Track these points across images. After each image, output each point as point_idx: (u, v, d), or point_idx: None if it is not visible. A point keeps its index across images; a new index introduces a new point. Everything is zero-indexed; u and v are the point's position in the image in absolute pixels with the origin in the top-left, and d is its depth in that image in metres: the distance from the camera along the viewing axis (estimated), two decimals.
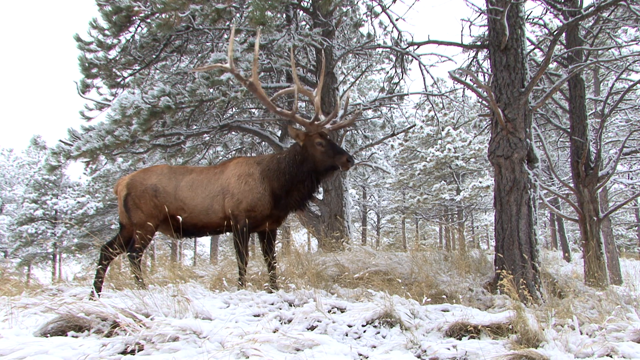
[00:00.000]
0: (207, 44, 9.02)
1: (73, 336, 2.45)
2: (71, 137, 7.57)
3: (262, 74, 8.97)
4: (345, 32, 10.34)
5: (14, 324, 2.58)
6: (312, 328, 2.92)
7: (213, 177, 4.25)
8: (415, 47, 6.86)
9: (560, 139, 12.03)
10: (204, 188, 4.19)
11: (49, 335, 2.47)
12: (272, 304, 3.40)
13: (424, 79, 8.47)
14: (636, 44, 9.78)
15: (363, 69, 10.76)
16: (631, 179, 15.80)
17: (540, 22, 7.99)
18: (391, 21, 8.07)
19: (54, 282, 5.61)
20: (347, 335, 2.88)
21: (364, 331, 2.92)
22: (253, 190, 4.15)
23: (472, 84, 5.18)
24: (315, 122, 4.25)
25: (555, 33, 5.36)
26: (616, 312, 3.34)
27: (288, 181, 4.21)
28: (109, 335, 2.46)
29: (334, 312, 3.24)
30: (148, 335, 2.35)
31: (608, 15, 7.75)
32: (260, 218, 4.18)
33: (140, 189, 4.08)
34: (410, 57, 8.26)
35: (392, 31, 8.38)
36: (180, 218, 4.05)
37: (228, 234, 4.59)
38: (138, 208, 4.05)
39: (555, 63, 8.45)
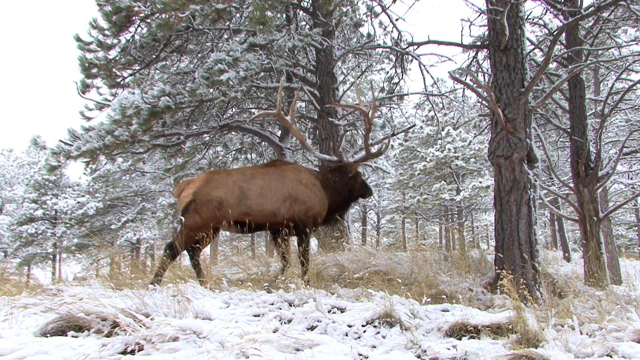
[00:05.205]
0: (207, 44, 9.02)
1: (73, 336, 2.45)
2: (71, 137, 7.57)
3: (262, 74, 8.98)
4: (345, 32, 10.34)
5: (14, 324, 2.58)
6: (312, 328, 2.92)
7: (277, 182, 4.48)
8: (415, 47, 6.86)
9: (560, 139, 12.02)
10: (273, 193, 4.41)
11: (49, 335, 2.46)
12: (272, 304, 3.40)
13: (424, 79, 8.48)
14: (636, 44, 9.78)
15: (363, 69, 10.76)
16: (631, 179, 15.78)
17: (540, 22, 7.98)
18: (391, 21, 8.08)
19: (54, 282, 5.59)
20: (347, 335, 2.88)
21: (364, 331, 2.92)
22: (321, 201, 4.63)
23: (472, 84, 5.18)
24: (361, 162, 5.15)
25: (555, 33, 5.36)
26: (616, 312, 3.33)
27: (343, 202, 4.98)
28: (109, 335, 2.46)
29: (334, 312, 3.24)
30: (148, 335, 2.35)
31: (608, 15, 7.74)
32: (318, 225, 4.68)
33: (206, 198, 4.21)
34: (410, 57, 8.26)
35: (392, 31, 8.39)
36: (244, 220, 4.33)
37: (228, 233, 4.66)
38: (197, 214, 4.17)
39: (555, 63, 8.45)
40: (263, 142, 11.77)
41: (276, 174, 4.53)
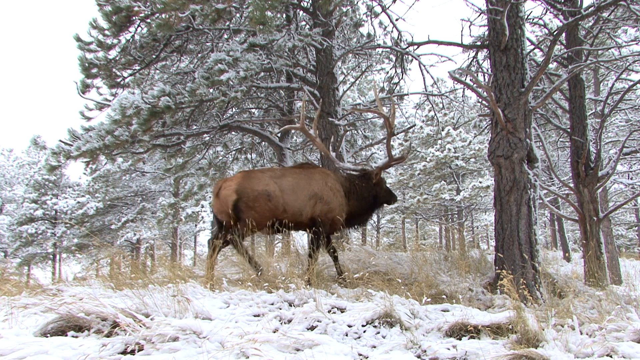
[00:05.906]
0: (207, 44, 9.02)
1: (73, 336, 2.45)
2: (71, 137, 7.56)
3: (262, 74, 8.98)
4: (345, 32, 10.34)
5: (14, 324, 2.58)
6: (312, 328, 2.92)
7: (305, 181, 4.70)
8: (415, 47, 6.85)
9: (560, 139, 12.02)
10: (301, 191, 4.63)
11: (49, 335, 2.46)
12: (272, 304, 3.39)
13: (424, 79, 8.47)
14: (636, 44, 9.78)
15: (363, 69, 10.75)
16: (631, 179, 15.78)
17: (540, 22, 7.98)
18: (391, 21, 8.07)
19: (54, 282, 5.59)
20: (347, 335, 2.88)
21: (364, 331, 2.92)
22: (342, 205, 4.87)
23: (472, 84, 5.18)
24: (385, 169, 5.27)
25: (555, 33, 5.36)
26: (616, 312, 3.33)
27: (368, 208, 5.13)
28: (109, 335, 2.46)
29: (334, 312, 3.24)
30: (148, 335, 2.35)
31: (608, 15, 7.74)
32: (336, 228, 4.90)
33: (253, 194, 4.40)
34: (410, 57, 8.26)
35: (392, 31, 8.38)
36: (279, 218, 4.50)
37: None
38: (251, 209, 4.34)
39: (555, 63, 8.44)
40: (263, 142, 11.77)
41: (304, 174, 4.76)
